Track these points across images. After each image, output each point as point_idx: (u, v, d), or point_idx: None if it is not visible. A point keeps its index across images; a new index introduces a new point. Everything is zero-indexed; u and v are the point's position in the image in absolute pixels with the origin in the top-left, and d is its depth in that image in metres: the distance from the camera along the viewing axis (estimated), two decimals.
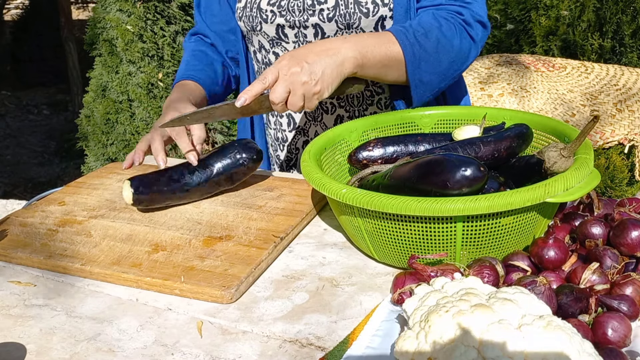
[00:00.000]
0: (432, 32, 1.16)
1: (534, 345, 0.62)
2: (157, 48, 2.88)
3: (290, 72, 1.04)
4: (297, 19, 1.26)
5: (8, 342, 0.80)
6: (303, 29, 1.27)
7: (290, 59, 1.05)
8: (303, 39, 1.28)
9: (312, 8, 1.24)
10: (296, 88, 1.04)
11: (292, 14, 1.26)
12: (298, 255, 1.00)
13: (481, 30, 1.22)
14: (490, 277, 0.79)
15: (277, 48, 1.33)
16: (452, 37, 1.17)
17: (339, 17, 1.22)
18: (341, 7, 1.22)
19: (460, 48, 1.19)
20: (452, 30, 1.18)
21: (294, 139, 1.44)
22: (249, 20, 1.31)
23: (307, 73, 1.04)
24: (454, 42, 1.17)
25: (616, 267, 0.80)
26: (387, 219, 0.85)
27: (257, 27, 1.31)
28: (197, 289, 0.88)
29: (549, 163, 0.88)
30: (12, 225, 1.11)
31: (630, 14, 3.08)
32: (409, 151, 1.08)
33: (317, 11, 1.24)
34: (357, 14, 1.21)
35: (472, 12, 1.21)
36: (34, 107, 6.51)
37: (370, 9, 1.21)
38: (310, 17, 1.24)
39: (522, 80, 2.78)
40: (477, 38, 1.21)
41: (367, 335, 0.77)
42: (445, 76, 1.20)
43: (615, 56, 3.16)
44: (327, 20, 1.23)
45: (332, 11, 1.22)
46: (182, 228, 1.06)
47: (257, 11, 1.29)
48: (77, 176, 1.37)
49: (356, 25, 1.22)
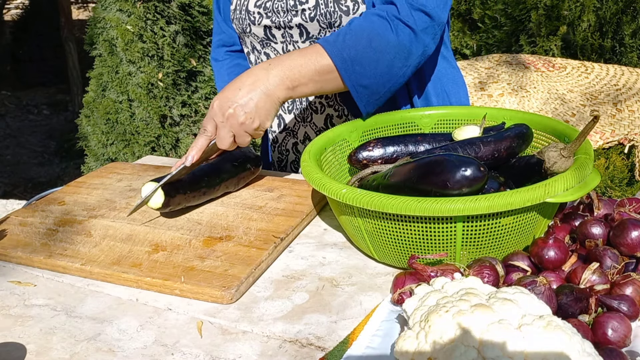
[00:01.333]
0: (363, 32, 1.09)
1: (534, 345, 0.62)
2: (157, 48, 2.88)
3: (225, 117, 1.06)
4: (281, 19, 1.27)
5: (8, 342, 0.80)
6: (288, 29, 1.28)
7: (220, 103, 1.06)
8: (290, 39, 1.29)
9: (294, 9, 1.25)
10: (236, 130, 1.07)
11: (277, 14, 1.27)
12: (298, 255, 1.00)
13: (423, 20, 1.10)
14: (490, 277, 0.79)
15: (267, 49, 1.34)
16: (385, 32, 1.08)
17: (320, 17, 1.23)
18: (321, 7, 1.22)
19: (399, 42, 1.09)
20: (384, 25, 1.09)
21: (284, 140, 1.44)
22: (239, 22, 1.33)
23: (241, 114, 1.05)
24: (389, 38, 1.08)
25: (616, 267, 0.80)
26: (387, 219, 0.85)
27: (247, 29, 1.33)
28: (197, 289, 0.88)
29: (549, 163, 0.88)
30: (12, 225, 1.11)
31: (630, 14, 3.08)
32: (409, 151, 1.08)
33: (300, 11, 1.25)
34: (338, 12, 1.21)
35: (410, 1, 1.10)
36: (34, 107, 6.51)
37: (350, 7, 1.21)
38: (294, 17, 1.26)
39: (522, 80, 2.78)
40: (418, 28, 1.09)
41: (367, 335, 0.77)
42: (390, 76, 1.11)
43: (615, 56, 3.16)
44: (309, 20, 1.24)
45: (314, 11, 1.23)
46: (182, 228, 1.06)
47: (246, 13, 1.31)
48: (77, 176, 1.37)
49: (337, 23, 1.22)
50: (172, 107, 2.94)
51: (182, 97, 2.96)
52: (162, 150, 2.98)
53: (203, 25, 3.06)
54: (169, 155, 2.99)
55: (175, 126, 3.00)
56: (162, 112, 2.91)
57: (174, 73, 2.91)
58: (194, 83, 3.03)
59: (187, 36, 2.98)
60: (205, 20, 3.07)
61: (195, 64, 3.00)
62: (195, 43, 3.03)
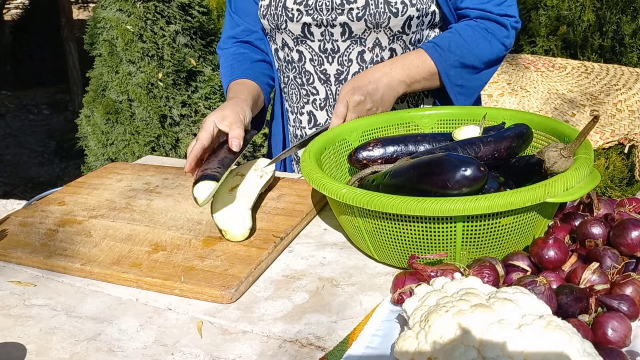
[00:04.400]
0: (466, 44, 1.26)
1: (534, 345, 0.62)
2: (157, 48, 2.88)
3: (356, 103, 1.19)
4: (324, 17, 1.27)
5: (8, 342, 0.80)
6: (330, 28, 1.28)
7: (353, 90, 1.19)
8: (329, 37, 1.29)
9: (341, 7, 1.25)
10: (362, 114, 1.20)
11: (320, 12, 1.27)
12: (298, 255, 1.00)
13: (514, 37, 1.33)
14: (490, 277, 0.79)
15: (301, 46, 1.33)
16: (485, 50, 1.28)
17: (368, 17, 1.24)
18: (371, 7, 1.23)
19: (492, 60, 1.31)
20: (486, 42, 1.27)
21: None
22: (274, 18, 1.32)
23: (370, 101, 1.20)
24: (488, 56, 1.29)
25: (616, 267, 0.80)
26: (387, 219, 0.85)
27: (281, 26, 1.31)
28: (197, 289, 0.88)
29: (549, 163, 0.88)
30: (12, 225, 1.11)
31: (630, 14, 3.08)
32: (409, 151, 1.08)
33: (347, 10, 1.25)
34: (387, 13, 1.22)
35: (513, 24, 1.30)
36: (34, 107, 6.51)
37: (399, 9, 1.22)
38: (339, 15, 1.26)
39: (522, 80, 2.78)
40: (509, 44, 1.31)
41: (367, 335, 0.77)
42: (481, 82, 1.33)
43: (615, 56, 3.16)
44: (356, 20, 1.25)
45: (362, 10, 1.24)
46: (182, 228, 1.06)
47: (283, 9, 1.30)
48: (77, 176, 1.37)
49: (385, 24, 1.24)
50: (172, 107, 2.94)
51: (182, 97, 2.95)
52: (162, 150, 2.98)
53: (203, 25, 3.06)
54: (169, 155, 2.98)
55: (175, 126, 3.00)
56: (162, 112, 2.90)
57: (174, 73, 2.91)
58: (194, 83, 3.03)
59: (187, 36, 2.98)
60: (205, 20, 3.06)
61: (195, 63, 3.00)
62: (195, 43, 3.03)
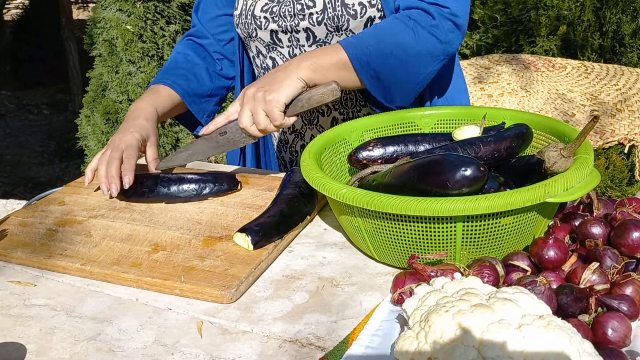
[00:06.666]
0: (385, 39, 1.13)
1: (534, 345, 0.62)
2: (157, 48, 2.88)
3: (249, 97, 1.13)
4: (288, 24, 1.28)
5: (8, 342, 0.80)
6: (295, 33, 1.29)
7: (255, 87, 1.13)
8: (296, 43, 1.31)
9: (302, 12, 1.26)
10: (253, 105, 1.12)
11: (284, 19, 1.28)
12: (298, 255, 1.00)
13: (451, 30, 1.15)
14: (490, 277, 0.79)
15: (273, 53, 1.35)
16: (407, 40, 1.13)
17: (327, 20, 1.24)
18: (329, 10, 1.23)
19: (419, 52, 1.14)
20: (408, 34, 1.13)
21: (293, 141, 1.46)
22: (245, 27, 1.34)
23: (259, 86, 1.12)
24: (411, 47, 1.14)
25: (616, 267, 0.80)
26: (387, 219, 0.85)
27: (252, 34, 1.33)
28: (197, 289, 0.88)
29: (549, 163, 0.88)
30: (12, 225, 1.11)
31: (630, 14, 3.08)
32: (409, 151, 1.08)
33: (307, 15, 1.26)
34: (345, 16, 1.22)
35: (442, 11, 1.14)
36: (34, 107, 6.51)
37: (357, 11, 1.22)
38: (301, 21, 1.27)
39: (522, 80, 2.78)
40: (444, 39, 1.15)
41: (367, 335, 0.77)
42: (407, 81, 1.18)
43: (615, 56, 3.16)
44: (316, 24, 1.25)
45: (321, 14, 1.24)
46: (182, 228, 1.06)
47: (252, 18, 1.32)
48: (77, 176, 1.37)
49: (345, 27, 1.23)
50: None
51: None
52: (162, 150, 2.98)
53: None
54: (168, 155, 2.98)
55: (175, 126, 3.00)
56: None
57: None
58: None
59: None
60: None
61: None
62: None
